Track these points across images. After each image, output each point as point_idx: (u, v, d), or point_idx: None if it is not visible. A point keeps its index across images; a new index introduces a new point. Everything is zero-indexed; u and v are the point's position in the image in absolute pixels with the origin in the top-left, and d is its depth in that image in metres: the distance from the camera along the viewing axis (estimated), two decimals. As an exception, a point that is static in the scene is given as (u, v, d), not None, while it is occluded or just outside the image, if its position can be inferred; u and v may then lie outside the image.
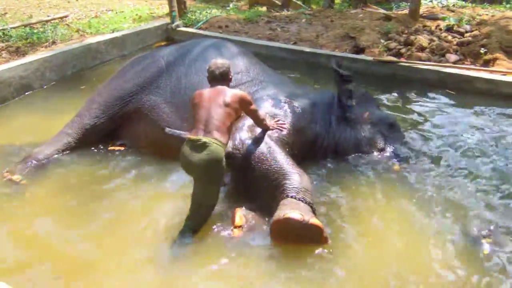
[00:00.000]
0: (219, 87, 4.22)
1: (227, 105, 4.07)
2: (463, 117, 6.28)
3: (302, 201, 3.90)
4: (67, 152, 5.20)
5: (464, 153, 5.33)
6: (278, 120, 4.66)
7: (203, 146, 3.87)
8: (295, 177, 4.10)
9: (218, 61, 4.35)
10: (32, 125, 6.03)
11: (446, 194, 4.59)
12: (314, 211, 3.94)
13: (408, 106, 6.68)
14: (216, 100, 4.07)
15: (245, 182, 4.41)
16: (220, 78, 4.27)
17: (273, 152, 4.29)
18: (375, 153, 5.13)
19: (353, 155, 5.12)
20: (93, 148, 5.33)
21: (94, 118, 5.30)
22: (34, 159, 5.00)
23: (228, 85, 4.31)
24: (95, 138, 5.36)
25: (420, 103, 6.79)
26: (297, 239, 3.81)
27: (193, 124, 4.10)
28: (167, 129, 4.61)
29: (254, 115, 4.35)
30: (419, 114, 6.41)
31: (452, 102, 6.79)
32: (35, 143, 5.26)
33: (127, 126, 5.33)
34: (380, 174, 4.88)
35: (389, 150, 5.16)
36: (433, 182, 4.76)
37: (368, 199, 4.56)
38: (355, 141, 5.14)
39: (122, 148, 5.34)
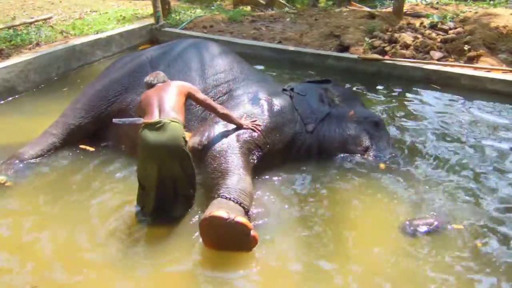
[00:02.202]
0: (161, 84, 4.45)
1: (175, 88, 4.31)
2: (449, 114, 6.32)
3: (233, 201, 3.87)
4: (52, 152, 5.16)
5: (450, 150, 5.37)
6: (255, 120, 4.69)
7: (163, 126, 3.93)
8: (233, 178, 4.10)
9: (152, 74, 4.61)
10: (16, 126, 5.98)
11: (432, 192, 4.61)
12: (246, 212, 3.90)
13: (393, 104, 6.71)
14: (164, 90, 4.28)
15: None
16: (160, 83, 4.48)
17: (228, 152, 4.34)
18: (361, 152, 5.14)
19: (338, 154, 5.12)
20: (77, 148, 5.30)
21: (78, 118, 5.28)
22: (19, 159, 4.97)
23: None
24: (80, 138, 5.34)
25: (405, 100, 6.83)
26: (228, 241, 3.74)
27: (145, 113, 4.14)
28: (115, 120, 4.54)
29: (206, 104, 4.49)
30: (404, 111, 6.45)
31: (437, 98, 6.84)
32: (19, 144, 5.20)
33: (112, 126, 5.28)
34: (365, 173, 4.89)
35: (374, 148, 5.16)
36: (419, 180, 4.77)
37: (353, 198, 4.57)
38: (340, 139, 5.14)
39: (92, 149, 5.31)
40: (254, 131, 4.59)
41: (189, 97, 4.38)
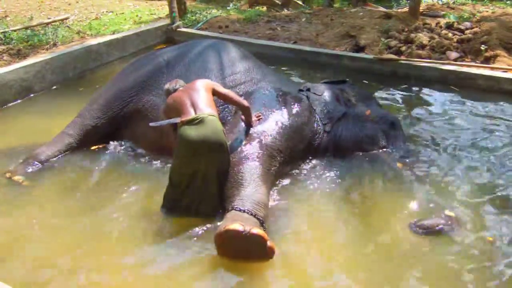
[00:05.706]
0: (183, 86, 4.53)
1: (201, 85, 4.37)
2: (465, 115, 6.27)
3: (247, 212, 3.81)
4: (69, 152, 5.20)
5: (466, 150, 5.34)
6: (259, 116, 4.69)
7: (202, 121, 4.01)
8: (248, 189, 4.04)
9: (172, 81, 4.70)
10: (33, 127, 6.02)
11: (448, 191, 4.59)
12: (262, 224, 3.82)
13: (409, 104, 6.68)
14: (191, 89, 4.35)
15: None
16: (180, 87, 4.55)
17: (248, 160, 4.29)
18: (377, 151, 5.13)
19: (354, 154, 5.11)
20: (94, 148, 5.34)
21: (95, 118, 5.31)
22: (36, 159, 5.01)
23: None
24: (96, 139, 5.35)
25: (421, 101, 6.79)
26: (245, 253, 3.68)
27: (180, 113, 4.18)
28: (152, 123, 4.49)
29: (229, 97, 4.52)
30: (420, 112, 6.42)
31: (453, 99, 6.79)
32: (36, 144, 5.24)
33: (128, 126, 5.33)
34: (381, 173, 4.86)
35: (391, 148, 5.14)
36: (436, 180, 4.76)
37: (370, 197, 4.58)
38: (357, 139, 5.12)
39: (103, 145, 5.35)
40: (259, 120, 4.62)
41: (213, 93, 4.42)
